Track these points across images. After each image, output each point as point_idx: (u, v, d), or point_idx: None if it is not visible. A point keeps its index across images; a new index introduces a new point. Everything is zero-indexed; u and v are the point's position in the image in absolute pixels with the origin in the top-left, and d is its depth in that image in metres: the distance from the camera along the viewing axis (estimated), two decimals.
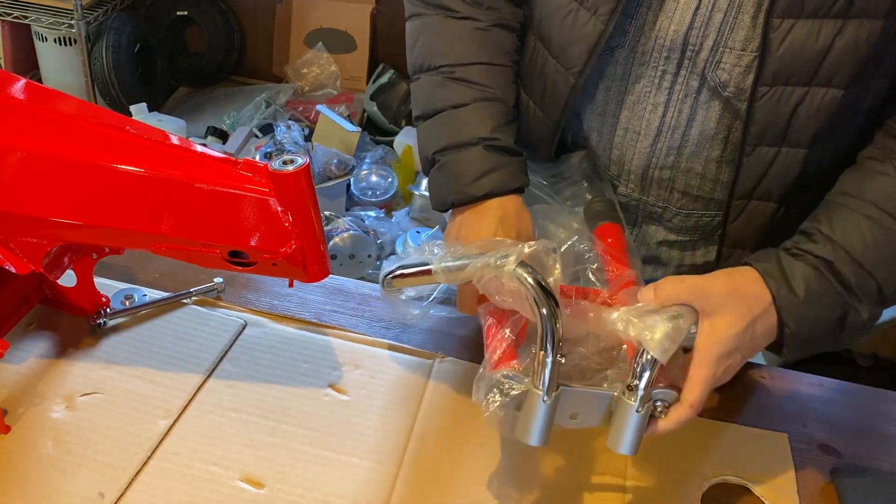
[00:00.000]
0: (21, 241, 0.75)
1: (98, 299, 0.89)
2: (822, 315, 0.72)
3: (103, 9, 2.63)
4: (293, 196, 0.73)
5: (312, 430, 0.80)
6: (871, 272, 0.72)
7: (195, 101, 2.97)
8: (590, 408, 0.69)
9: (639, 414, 0.66)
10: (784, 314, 0.71)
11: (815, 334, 0.72)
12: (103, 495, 0.72)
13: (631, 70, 0.82)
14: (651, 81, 0.81)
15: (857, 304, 0.72)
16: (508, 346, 0.70)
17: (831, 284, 0.72)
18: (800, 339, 0.72)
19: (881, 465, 0.83)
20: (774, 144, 0.78)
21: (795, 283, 0.71)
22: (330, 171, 2.47)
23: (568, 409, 0.68)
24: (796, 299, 0.71)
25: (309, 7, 2.98)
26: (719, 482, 0.79)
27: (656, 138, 0.84)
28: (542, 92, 0.87)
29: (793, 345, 0.72)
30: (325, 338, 0.91)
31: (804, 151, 0.78)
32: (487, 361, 0.69)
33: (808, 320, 0.71)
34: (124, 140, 0.74)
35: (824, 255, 0.72)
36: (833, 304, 0.72)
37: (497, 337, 0.71)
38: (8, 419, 0.77)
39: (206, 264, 0.77)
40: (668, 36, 0.78)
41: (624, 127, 0.86)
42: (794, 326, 0.71)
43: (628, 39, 0.80)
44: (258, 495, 0.73)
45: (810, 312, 0.71)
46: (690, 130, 0.82)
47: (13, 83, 0.76)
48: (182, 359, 0.86)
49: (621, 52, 0.81)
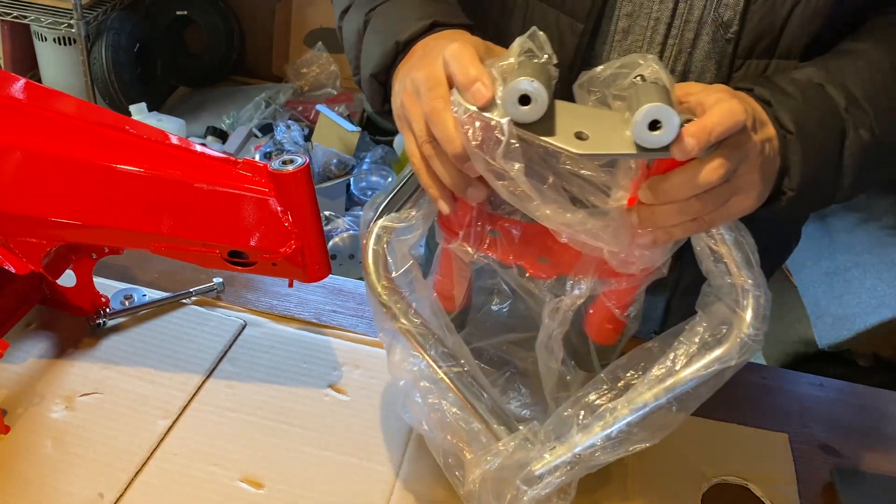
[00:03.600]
0: (21, 241, 0.75)
1: (97, 299, 0.89)
2: (821, 120, 0.65)
3: (103, 8, 2.62)
4: (293, 196, 0.73)
5: (312, 430, 0.80)
6: (861, 103, 0.67)
7: (195, 101, 2.97)
8: (598, 124, 0.56)
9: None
10: (782, 116, 0.64)
11: (817, 140, 0.65)
12: (103, 495, 0.72)
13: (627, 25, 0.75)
14: (643, 34, 0.75)
15: (854, 123, 0.66)
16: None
17: (826, 96, 0.66)
18: (803, 149, 0.64)
19: (881, 465, 0.83)
20: (765, 56, 0.73)
21: (788, 89, 0.66)
22: (330, 171, 2.47)
23: (569, 125, 0.55)
24: (793, 100, 0.65)
25: (309, 7, 2.98)
26: (719, 482, 0.79)
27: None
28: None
29: (795, 155, 0.64)
30: (324, 338, 0.91)
31: (795, 63, 0.73)
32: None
33: (808, 121, 0.64)
34: (124, 140, 0.74)
35: (815, 79, 0.67)
36: (831, 112, 0.66)
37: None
38: (7, 419, 0.77)
39: (205, 264, 0.77)
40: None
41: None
42: (794, 128, 0.64)
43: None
44: (258, 495, 0.73)
45: (809, 112, 0.65)
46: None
47: (13, 83, 0.76)
48: (182, 359, 0.86)
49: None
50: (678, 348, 0.63)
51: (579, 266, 0.66)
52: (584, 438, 0.62)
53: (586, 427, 0.63)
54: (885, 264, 2.03)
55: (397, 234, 0.65)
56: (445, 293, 0.75)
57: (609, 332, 0.73)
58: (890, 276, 1.99)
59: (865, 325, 1.92)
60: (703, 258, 0.63)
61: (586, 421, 0.63)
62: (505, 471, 0.63)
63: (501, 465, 0.63)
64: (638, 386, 0.63)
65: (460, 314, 0.78)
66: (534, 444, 0.64)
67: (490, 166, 0.56)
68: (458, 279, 0.74)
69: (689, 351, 0.62)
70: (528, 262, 0.68)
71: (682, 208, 0.57)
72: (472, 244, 0.67)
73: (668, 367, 0.62)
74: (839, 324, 1.98)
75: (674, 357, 0.62)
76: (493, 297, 0.77)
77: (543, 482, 0.63)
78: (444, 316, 0.68)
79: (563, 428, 0.64)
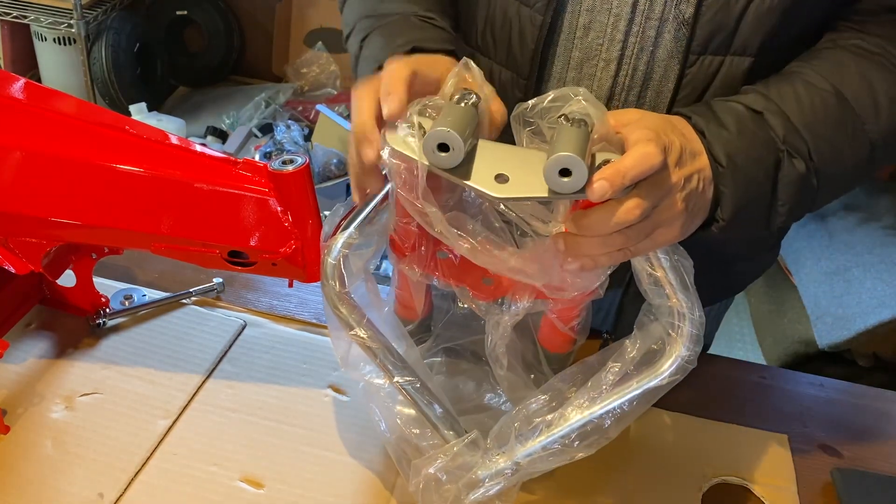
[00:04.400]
0: (21, 241, 0.75)
1: (97, 299, 0.89)
2: (753, 153, 0.65)
3: (103, 8, 2.62)
4: (293, 196, 0.73)
5: (312, 430, 0.80)
6: (799, 131, 0.67)
7: (195, 101, 2.96)
8: (519, 165, 0.58)
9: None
10: (715, 148, 0.64)
11: (748, 174, 0.65)
12: (103, 495, 0.72)
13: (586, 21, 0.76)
14: (603, 30, 0.75)
15: (790, 154, 0.67)
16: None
17: (762, 125, 0.66)
18: (734, 181, 0.64)
19: (881, 465, 0.83)
20: (720, 52, 0.72)
21: (725, 119, 0.66)
22: (330, 171, 2.47)
23: (491, 166, 0.58)
24: (727, 132, 0.65)
25: (309, 7, 2.98)
26: (719, 482, 0.79)
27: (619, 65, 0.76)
28: (508, 46, 0.80)
29: (726, 187, 0.64)
30: (324, 338, 0.91)
31: (750, 60, 0.73)
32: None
33: (739, 154, 0.65)
34: (124, 140, 0.74)
35: (754, 107, 0.67)
36: (765, 142, 0.66)
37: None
38: (7, 419, 0.77)
39: (205, 264, 0.77)
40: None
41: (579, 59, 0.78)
42: (725, 161, 0.64)
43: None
44: (258, 495, 0.73)
45: (741, 145, 0.65)
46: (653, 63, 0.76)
47: (13, 83, 0.76)
48: (182, 359, 0.86)
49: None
50: (613, 367, 0.66)
51: (516, 288, 0.69)
52: (522, 449, 0.66)
53: (525, 438, 0.67)
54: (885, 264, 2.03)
55: (354, 249, 0.68)
56: (406, 304, 0.77)
57: (560, 343, 0.75)
58: (890, 276, 1.99)
59: (865, 325, 1.92)
60: (642, 279, 0.66)
61: (525, 432, 0.67)
62: (449, 473, 0.67)
63: (445, 468, 0.67)
64: (574, 400, 0.66)
65: (424, 321, 0.81)
66: (477, 450, 0.68)
67: (414, 207, 0.61)
68: (415, 291, 0.76)
69: (623, 369, 0.65)
70: (471, 284, 0.70)
71: (605, 241, 0.59)
72: (418, 265, 0.70)
73: (601, 383, 0.65)
74: (839, 324, 1.98)
75: (607, 375, 0.65)
76: (457, 302, 0.81)
77: (485, 486, 0.67)
78: (400, 326, 0.73)
79: (505, 437, 0.68)
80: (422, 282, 0.73)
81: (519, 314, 0.69)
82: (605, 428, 0.65)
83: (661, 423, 0.84)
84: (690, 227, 0.64)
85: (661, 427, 0.83)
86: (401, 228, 0.69)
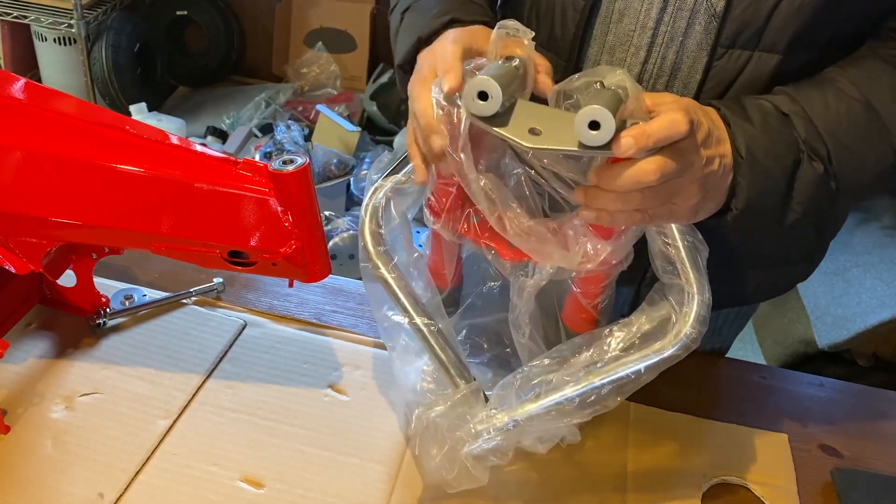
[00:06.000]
0: (21, 241, 0.75)
1: (98, 299, 0.89)
2: (773, 149, 0.68)
3: (103, 8, 2.62)
4: (293, 196, 0.73)
5: (312, 430, 0.80)
6: (822, 135, 0.69)
7: (195, 101, 2.97)
8: (553, 122, 0.61)
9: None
10: (737, 140, 0.67)
11: (765, 169, 0.67)
12: (103, 495, 0.72)
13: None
14: (636, 17, 0.76)
15: (810, 156, 0.69)
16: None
17: (787, 124, 0.68)
18: (751, 174, 0.67)
19: (881, 465, 0.83)
20: (748, 47, 0.73)
21: (752, 114, 0.68)
22: (330, 171, 2.47)
23: (527, 121, 0.62)
24: (750, 126, 0.68)
25: (309, 7, 2.98)
26: (719, 482, 0.79)
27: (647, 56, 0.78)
28: (550, 28, 0.82)
29: (743, 178, 0.67)
30: (324, 338, 0.91)
31: (778, 58, 0.73)
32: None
33: (759, 149, 0.67)
34: (124, 140, 0.74)
35: (782, 108, 0.69)
36: (787, 141, 0.68)
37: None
38: (7, 419, 0.77)
39: (205, 264, 0.77)
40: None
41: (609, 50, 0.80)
42: (745, 153, 0.67)
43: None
44: (258, 495, 0.73)
45: (762, 140, 0.67)
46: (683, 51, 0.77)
47: (13, 83, 0.76)
48: (182, 359, 0.86)
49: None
50: (617, 335, 0.68)
51: None
52: (521, 407, 0.68)
53: (525, 395, 0.69)
54: (885, 264, 2.04)
55: (398, 194, 0.74)
56: (437, 270, 0.80)
57: (582, 322, 0.76)
58: (890, 276, 2.00)
59: (865, 325, 1.92)
60: (657, 257, 0.68)
61: (526, 390, 0.69)
62: (449, 422, 0.69)
63: (445, 415, 0.69)
64: (576, 365, 0.68)
65: (453, 291, 0.83)
66: (477, 401, 0.70)
67: (456, 164, 0.65)
68: (447, 257, 0.79)
69: (627, 338, 0.67)
70: (500, 245, 0.72)
71: (624, 198, 0.61)
72: (451, 226, 0.73)
73: (603, 350, 0.68)
74: (839, 324, 1.98)
75: (611, 343, 0.67)
76: (486, 280, 0.83)
77: (482, 440, 0.68)
78: (431, 282, 0.76)
79: (506, 394, 0.70)
80: (454, 242, 0.76)
81: (543, 279, 0.71)
82: (604, 395, 0.66)
83: (661, 423, 0.84)
84: (704, 209, 0.66)
85: (662, 427, 0.83)
86: (439, 188, 0.72)
